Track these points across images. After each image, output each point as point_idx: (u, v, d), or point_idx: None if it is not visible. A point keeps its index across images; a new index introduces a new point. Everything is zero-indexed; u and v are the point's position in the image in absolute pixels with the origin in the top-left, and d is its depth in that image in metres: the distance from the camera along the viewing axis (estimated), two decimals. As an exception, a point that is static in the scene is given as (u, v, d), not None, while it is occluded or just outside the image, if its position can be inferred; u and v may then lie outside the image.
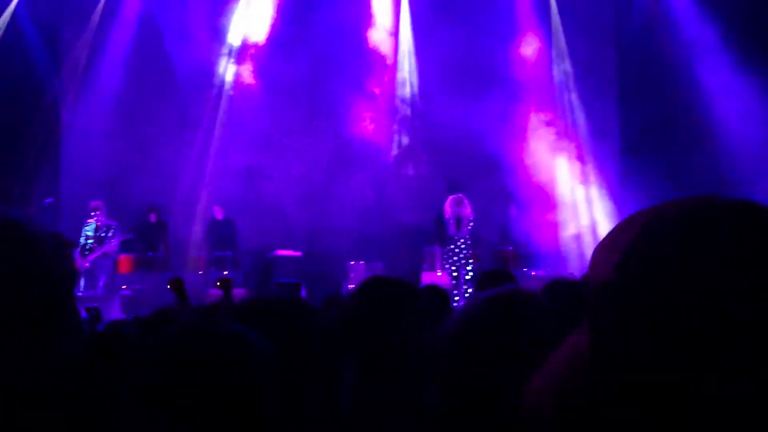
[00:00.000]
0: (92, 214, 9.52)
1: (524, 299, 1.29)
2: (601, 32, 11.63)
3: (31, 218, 0.87)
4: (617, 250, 0.69)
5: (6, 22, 10.43)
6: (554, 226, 10.88)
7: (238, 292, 9.20)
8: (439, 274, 10.19)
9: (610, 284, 0.68)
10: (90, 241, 9.57)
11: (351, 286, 10.29)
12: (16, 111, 10.39)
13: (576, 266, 10.04)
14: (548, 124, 11.45)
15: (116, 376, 1.90)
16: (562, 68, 11.70)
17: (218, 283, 5.11)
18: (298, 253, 10.62)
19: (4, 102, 10.12)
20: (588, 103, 11.45)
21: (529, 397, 0.79)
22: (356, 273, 10.36)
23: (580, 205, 11.46)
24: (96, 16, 11.15)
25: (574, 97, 11.57)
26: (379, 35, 11.65)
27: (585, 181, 11.48)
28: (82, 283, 9.56)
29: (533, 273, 10.42)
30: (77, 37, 11.21)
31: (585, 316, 0.73)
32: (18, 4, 10.53)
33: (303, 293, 8.87)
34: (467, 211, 9.86)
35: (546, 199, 11.05)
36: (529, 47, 11.55)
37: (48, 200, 10.01)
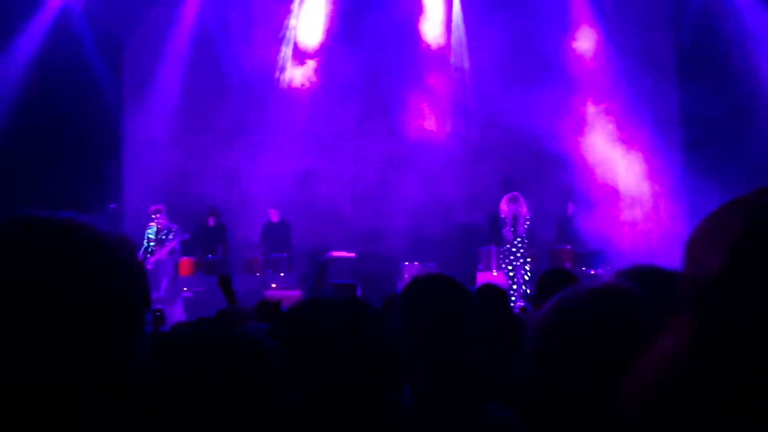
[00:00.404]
0: (153, 217, 9.74)
1: (627, 295, 1.19)
2: (658, 22, 11.30)
3: (97, 223, 0.87)
4: (722, 244, 0.67)
5: (68, 31, 10.75)
6: (614, 223, 10.65)
7: (293, 294, 9.42)
8: (494, 274, 10.10)
9: (721, 279, 0.66)
10: (152, 243, 9.79)
11: None
12: (79, 119, 10.70)
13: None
14: (607, 117, 11.22)
15: (179, 377, 1.98)
16: (620, 60, 11.39)
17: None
18: (353, 254, 10.63)
19: (68, 111, 10.43)
20: (647, 95, 11.11)
21: (621, 399, 0.76)
22: (410, 273, 10.29)
23: (642, 199, 11.15)
24: (155, 25, 11.46)
25: (632, 89, 11.26)
26: (432, 32, 11.61)
27: (646, 174, 11.15)
28: (146, 285, 9.77)
29: (593, 272, 10.24)
30: (137, 46, 11.56)
31: (679, 311, 0.71)
32: (79, 14, 10.90)
33: (359, 294, 8.70)
34: (523, 209, 9.72)
35: (605, 195, 10.83)
36: (585, 39, 11.36)
37: (112, 205, 10.29)
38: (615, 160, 11.13)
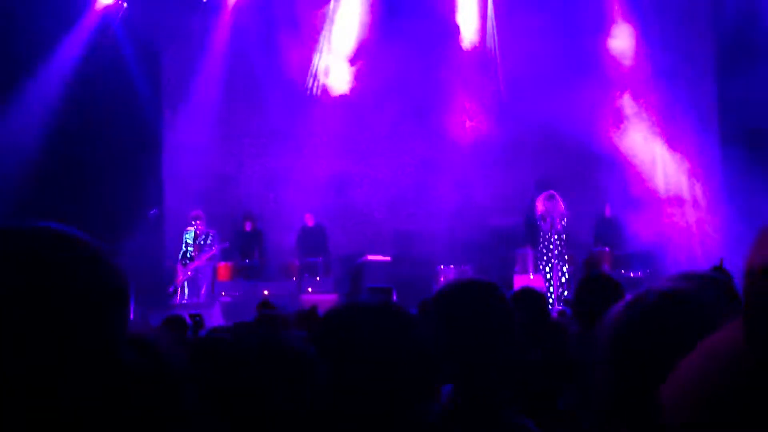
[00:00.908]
0: (192, 222, 9.85)
1: (698, 299, 1.15)
2: (697, 19, 11.07)
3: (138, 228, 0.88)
4: None
5: (107, 41, 10.98)
6: (654, 224, 10.41)
7: (329, 298, 9.43)
8: (531, 277, 9.96)
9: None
10: (190, 248, 9.92)
11: None
12: (119, 127, 10.89)
13: (679, 266, 9.53)
14: (645, 114, 11.02)
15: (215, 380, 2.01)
16: (658, 57, 11.15)
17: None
18: (388, 258, 10.63)
19: (108, 119, 10.62)
20: (687, 92, 10.90)
21: (667, 400, 0.75)
22: (446, 277, 10.26)
23: (682, 199, 10.93)
24: (192, 33, 11.61)
25: (671, 85, 11.03)
26: (466, 34, 11.56)
27: (686, 173, 10.91)
28: (186, 290, 9.99)
29: (632, 275, 10.10)
30: (175, 54, 11.73)
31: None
32: (118, 25, 11.13)
33: (394, 298, 8.76)
34: (560, 207, 9.53)
35: (644, 195, 10.65)
36: (622, 35, 11.16)
37: (152, 211, 10.45)
38: (654, 159, 10.94)
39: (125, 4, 11.22)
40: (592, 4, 11.05)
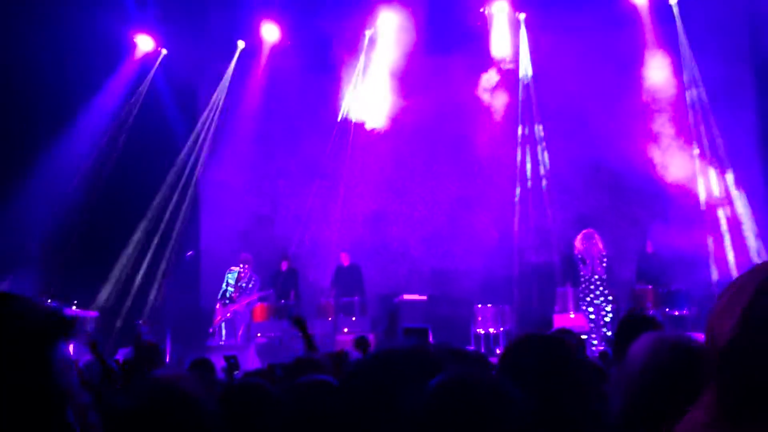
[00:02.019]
0: (240, 265, 9.87)
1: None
2: (735, 50, 10.85)
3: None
4: (735, 312, 0.72)
5: (147, 86, 11.33)
6: (698, 258, 10.18)
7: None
8: (572, 316, 9.73)
9: (733, 345, 0.70)
10: (230, 289, 9.93)
11: (479, 330, 10.05)
12: (154, 169, 11.13)
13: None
14: (684, 147, 10.78)
15: (250, 426, 1.94)
16: (695, 88, 10.94)
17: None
18: (424, 297, 10.54)
19: (142, 161, 10.81)
20: (726, 124, 10.64)
21: None
22: (484, 316, 10.14)
23: (726, 234, 10.58)
24: (227, 80, 11.85)
25: (710, 118, 10.78)
26: (500, 67, 11.55)
27: (730, 207, 10.56)
28: (223, 331, 10.02)
29: (676, 313, 9.78)
30: (211, 97, 11.92)
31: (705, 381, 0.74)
32: (157, 69, 11.41)
33: (430, 338, 8.41)
34: (598, 247, 9.46)
35: (687, 229, 10.28)
36: (658, 67, 11.00)
37: (189, 253, 10.53)
38: (696, 191, 10.69)
39: (165, 51, 11.50)
40: (627, 35, 10.94)
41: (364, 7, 11.39)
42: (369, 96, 11.72)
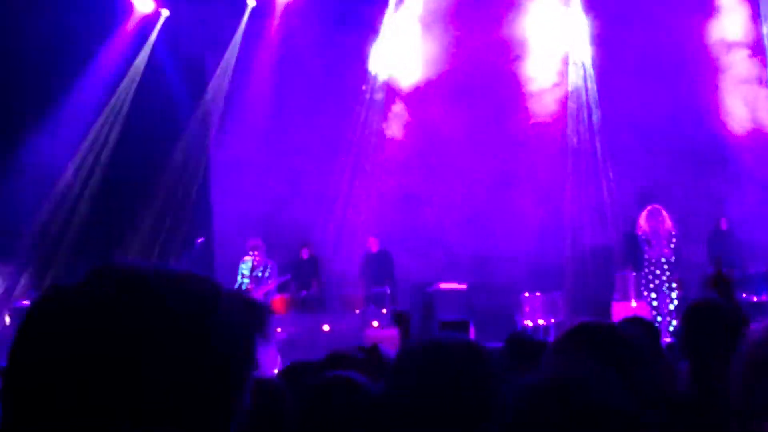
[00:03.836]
0: (250, 252, 9.49)
1: None
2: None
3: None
4: None
5: (147, 54, 11.02)
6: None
7: (394, 333, 8.88)
8: (634, 305, 9.52)
9: None
10: (245, 280, 9.50)
11: (527, 322, 9.91)
12: (158, 148, 10.77)
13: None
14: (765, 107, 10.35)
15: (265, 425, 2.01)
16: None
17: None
18: (463, 286, 10.36)
19: (144, 138, 10.52)
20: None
21: None
22: (531, 306, 9.94)
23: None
24: (237, 44, 11.50)
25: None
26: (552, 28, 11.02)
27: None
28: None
29: (755, 299, 9.48)
30: (220, 68, 11.60)
31: None
32: (158, 33, 11.09)
33: (471, 333, 8.60)
34: (667, 225, 9.05)
35: (766, 202, 9.87)
36: (732, 21, 10.46)
37: (199, 239, 10.21)
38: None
39: (166, 12, 11.14)
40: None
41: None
42: (400, 54, 11.24)
